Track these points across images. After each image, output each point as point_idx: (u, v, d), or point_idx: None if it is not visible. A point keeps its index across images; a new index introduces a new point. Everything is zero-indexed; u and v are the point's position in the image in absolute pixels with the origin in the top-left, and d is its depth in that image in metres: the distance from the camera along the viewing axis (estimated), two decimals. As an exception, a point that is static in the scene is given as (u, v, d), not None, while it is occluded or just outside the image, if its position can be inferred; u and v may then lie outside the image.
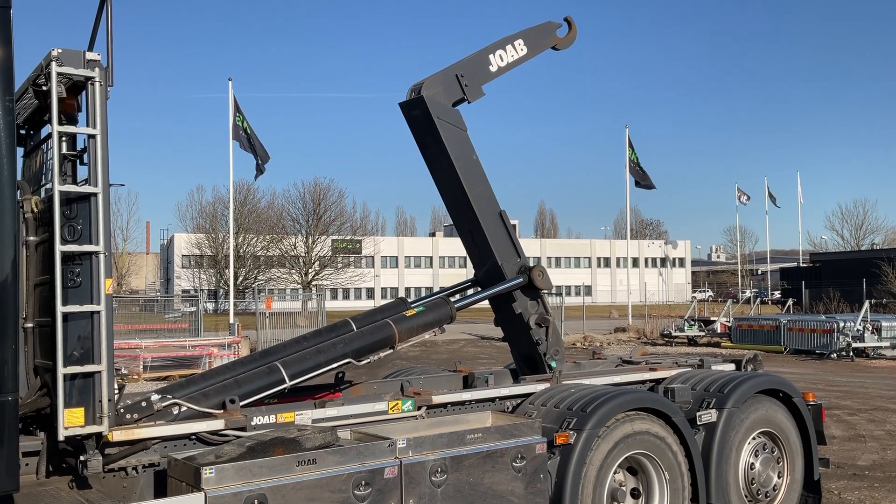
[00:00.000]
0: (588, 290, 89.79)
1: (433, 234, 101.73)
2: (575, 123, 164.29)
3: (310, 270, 65.96)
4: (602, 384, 6.40)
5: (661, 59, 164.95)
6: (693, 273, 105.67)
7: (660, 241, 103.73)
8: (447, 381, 6.78)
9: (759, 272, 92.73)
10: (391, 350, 5.93)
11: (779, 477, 6.81)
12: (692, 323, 31.94)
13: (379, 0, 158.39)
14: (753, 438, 6.65)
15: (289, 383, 5.34)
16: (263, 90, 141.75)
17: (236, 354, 21.35)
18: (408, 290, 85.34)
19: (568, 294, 79.58)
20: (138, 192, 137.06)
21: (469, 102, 6.75)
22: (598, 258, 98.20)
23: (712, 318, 32.78)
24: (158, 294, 70.91)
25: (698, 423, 6.29)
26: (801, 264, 72.27)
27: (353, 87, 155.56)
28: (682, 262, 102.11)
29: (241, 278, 64.73)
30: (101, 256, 4.23)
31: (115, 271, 75.77)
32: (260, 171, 26.85)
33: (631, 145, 37.16)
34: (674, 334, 31.67)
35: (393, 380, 6.40)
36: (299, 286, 63.93)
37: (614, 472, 5.74)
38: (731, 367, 7.52)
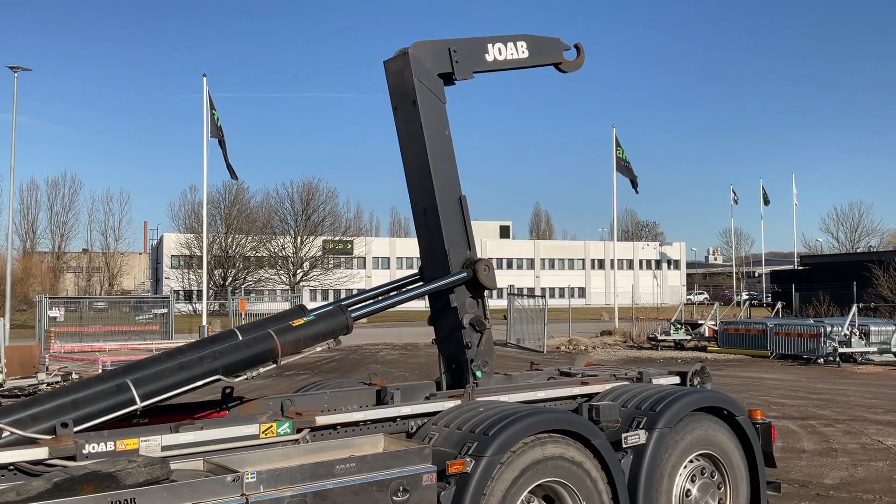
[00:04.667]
0: (582, 293, 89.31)
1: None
2: (571, 127, 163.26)
3: (298, 271, 65.28)
4: (519, 401, 5.74)
5: (656, 64, 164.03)
6: (689, 275, 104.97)
7: (654, 242, 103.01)
8: (358, 397, 6.14)
9: (755, 274, 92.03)
10: (274, 365, 5.28)
11: (720, 504, 6.15)
12: (679, 326, 31.21)
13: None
14: (690, 462, 5.99)
15: (140, 404, 4.65)
16: (261, 90, 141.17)
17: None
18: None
19: (562, 296, 79.10)
20: (131, 191, 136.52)
21: (455, 80, 6.46)
22: (593, 260, 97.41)
23: (700, 322, 32.09)
24: (146, 294, 70.11)
25: (624, 445, 5.61)
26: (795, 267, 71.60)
27: (349, 88, 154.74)
28: (676, 264, 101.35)
29: (229, 279, 64.08)
30: None
31: (108, 271, 74.99)
32: (234, 174, 27.03)
33: (618, 144, 36.50)
34: (660, 338, 30.94)
35: (279, 396, 5.73)
36: (287, 287, 63.24)
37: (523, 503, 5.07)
38: (676, 380, 6.87)
